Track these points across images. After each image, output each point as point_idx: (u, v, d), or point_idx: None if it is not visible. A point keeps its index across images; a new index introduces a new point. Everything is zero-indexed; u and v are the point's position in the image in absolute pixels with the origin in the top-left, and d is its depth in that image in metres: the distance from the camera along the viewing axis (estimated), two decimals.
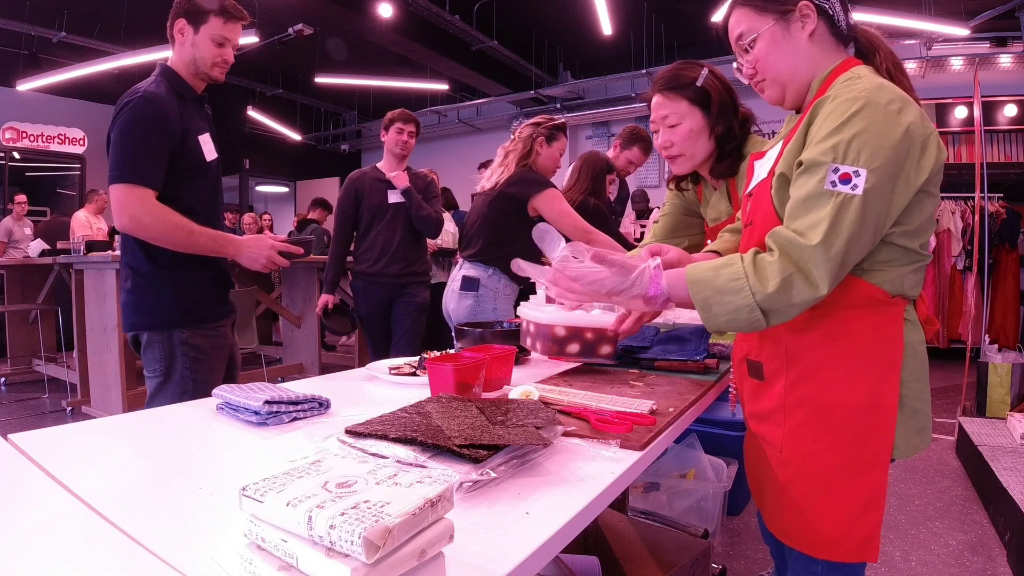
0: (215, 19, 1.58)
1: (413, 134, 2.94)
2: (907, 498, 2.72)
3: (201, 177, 1.64)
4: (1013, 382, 3.46)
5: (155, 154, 1.51)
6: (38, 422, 3.88)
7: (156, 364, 1.62)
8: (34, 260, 4.89)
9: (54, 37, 6.34)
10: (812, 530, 0.97)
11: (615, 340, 1.32)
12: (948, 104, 6.08)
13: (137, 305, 1.63)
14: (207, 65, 1.61)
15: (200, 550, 0.53)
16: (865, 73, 0.95)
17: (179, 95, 1.59)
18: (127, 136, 1.50)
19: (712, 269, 0.92)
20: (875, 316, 0.94)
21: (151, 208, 1.51)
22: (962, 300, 5.78)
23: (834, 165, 0.86)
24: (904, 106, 0.88)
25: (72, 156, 8.13)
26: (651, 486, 2.21)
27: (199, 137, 1.61)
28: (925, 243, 0.95)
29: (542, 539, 0.58)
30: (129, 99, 1.53)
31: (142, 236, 1.54)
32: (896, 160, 0.86)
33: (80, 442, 0.86)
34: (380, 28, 6.13)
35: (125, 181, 1.49)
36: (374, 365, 1.36)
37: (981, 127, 4.10)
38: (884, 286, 0.93)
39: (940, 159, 0.91)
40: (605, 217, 2.78)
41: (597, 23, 5.96)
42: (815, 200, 0.87)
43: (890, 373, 0.93)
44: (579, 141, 8.39)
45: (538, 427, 0.78)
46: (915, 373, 0.95)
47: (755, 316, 0.88)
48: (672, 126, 1.44)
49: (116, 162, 1.51)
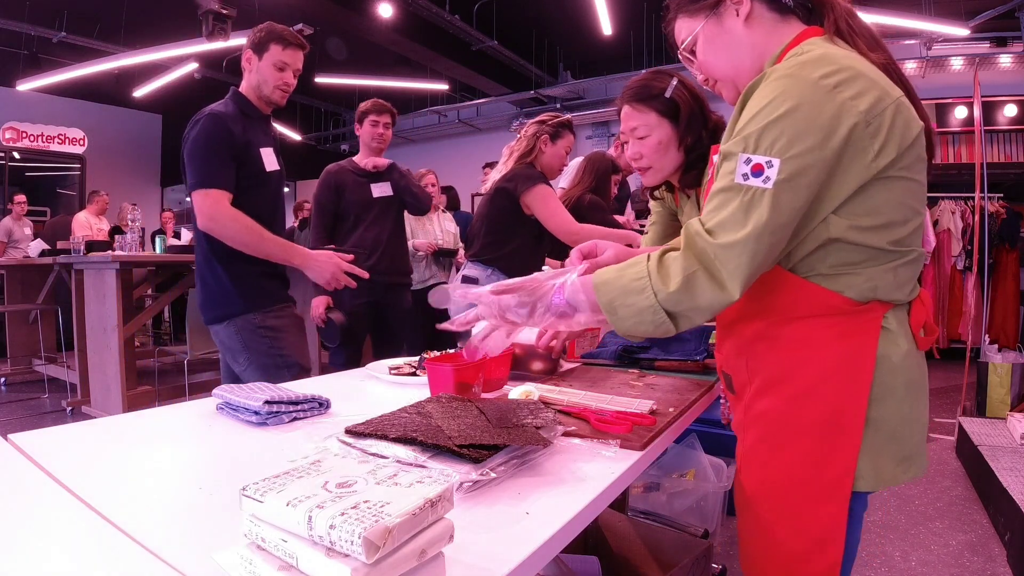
0: (275, 46, 1.79)
1: (388, 125, 2.82)
2: (907, 498, 2.72)
3: (262, 186, 1.81)
4: (1013, 382, 3.46)
5: (223, 161, 1.70)
6: (38, 422, 3.88)
7: (239, 354, 1.80)
8: (34, 260, 4.89)
9: (54, 37, 6.33)
10: (762, 564, 0.88)
11: (546, 356, 1.29)
12: (948, 104, 6.08)
13: (211, 301, 1.81)
14: (269, 88, 1.81)
15: (200, 550, 0.53)
16: (817, 44, 0.83)
17: (245, 114, 1.80)
18: (198, 149, 1.69)
19: (618, 269, 0.84)
20: (840, 325, 0.82)
21: (226, 210, 1.68)
22: (962, 300, 5.78)
23: (745, 155, 0.77)
24: (844, 79, 0.75)
25: (72, 156, 8.13)
26: (651, 486, 2.21)
27: (261, 150, 1.79)
28: (904, 238, 0.81)
29: (542, 539, 0.58)
30: (199, 117, 1.72)
31: (217, 235, 1.69)
32: (825, 145, 0.74)
33: (80, 442, 0.86)
34: (380, 28, 6.13)
35: (202, 187, 1.67)
36: (374, 365, 1.36)
37: (981, 127, 4.10)
38: (848, 292, 0.80)
39: (907, 136, 0.77)
40: (602, 209, 2.75)
41: (597, 23, 5.95)
42: (725, 194, 0.77)
43: (855, 390, 0.80)
44: (579, 141, 8.32)
45: (538, 427, 0.78)
46: (895, 392, 0.81)
47: (660, 318, 0.78)
48: (641, 138, 1.41)
49: (192, 172, 1.69)
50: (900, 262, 0.81)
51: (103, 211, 6.20)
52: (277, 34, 1.79)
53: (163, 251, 4.09)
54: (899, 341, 0.82)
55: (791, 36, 0.88)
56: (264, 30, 1.80)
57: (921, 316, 0.85)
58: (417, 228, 3.87)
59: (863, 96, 0.75)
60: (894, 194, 0.78)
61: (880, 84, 0.77)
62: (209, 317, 1.83)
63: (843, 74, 0.76)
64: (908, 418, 0.83)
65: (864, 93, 0.75)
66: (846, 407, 0.81)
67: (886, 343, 0.81)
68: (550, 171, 2.34)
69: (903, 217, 0.80)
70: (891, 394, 0.81)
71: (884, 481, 0.82)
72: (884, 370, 0.81)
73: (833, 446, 0.81)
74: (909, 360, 0.83)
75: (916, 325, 0.84)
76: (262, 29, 1.81)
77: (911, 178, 0.79)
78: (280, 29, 1.80)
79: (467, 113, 9.00)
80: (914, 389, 0.84)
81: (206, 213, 1.67)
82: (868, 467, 0.81)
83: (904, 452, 0.83)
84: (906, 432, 0.83)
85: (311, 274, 1.80)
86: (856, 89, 0.75)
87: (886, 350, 0.81)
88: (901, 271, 0.81)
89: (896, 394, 0.81)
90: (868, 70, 0.78)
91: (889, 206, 0.78)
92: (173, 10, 5.73)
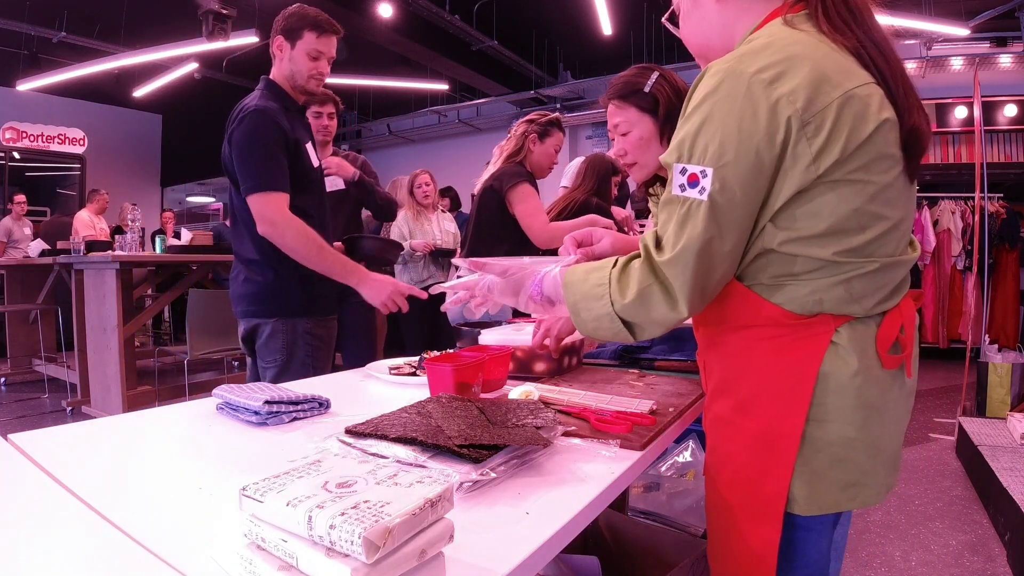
0: (309, 34, 1.66)
1: (333, 115, 2.69)
2: (907, 498, 2.72)
3: (312, 184, 1.74)
4: (1013, 382, 3.46)
5: (278, 161, 1.62)
6: (38, 422, 3.88)
7: (277, 353, 1.70)
8: (34, 260, 4.89)
9: (54, 37, 6.34)
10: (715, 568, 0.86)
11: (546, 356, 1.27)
12: (948, 104, 6.08)
13: (263, 296, 1.69)
14: (303, 78, 1.70)
15: (200, 550, 0.53)
16: (770, 28, 0.76)
17: (284, 107, 1.68)
18: (251, 148, 1.60)
19: (585, 271, 0.82)
20: (781, 338, 0.76)
21: (289, 218, 1.61)
22: (962, 300, 5.78)
23: (680, 165, 0.72)
24: (782, 72, 0.68)
25: (72, 156, 8.14)
26: (651, 486, 2.21)
27: (306, 146, 1.72)
28: (861, 247, 0.72)
29: (542, 539, 0.58)
30: (243, 114, 1.61)
31: (276, 242, 1.61)
32: (759, 149, 0.68)
33: (80, 442, 0.86)
34: (380, 28, 6.13)
35: (259, 190, 1.59)
36: (374, 365, 1.36)
37: (981, 127, 4.10)
38: (789, 305, 0.75)
39: (858, 132, 0.68)
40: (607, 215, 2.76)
41: (597, 23, 5.95)
42: (668, 207, 0.73)
43: (792, 408, 0.75)
44: (579, 141, 8.38)
45: (538, 427, 0.78)
46: (842, 413, 0.75)
47: (617, 327, 0.77)
48: (624, 134, 1.40)
49: (247, 174, 1.60)
50: (855, 274, 0.73)
51: (103, 210, 6.20)
52: (312, 20, 1.66)
53: (163, 251, 4.09)
54: (849, 359, 0.74)
55: (762, 16, 0.79)
56: (295, 15, 1.66)
57: (893, 331, 0.76)
58: (415, 229, 3.87)
59: (800, 91, 0.67)
60: (843, 200, 0.70)
61: (829, 76, 0.68)
62: (254, 311, 1.71)
63: (782, 66, 0.68)
64: (855, 441, 0.76)
65: (803, 87, 0.67)
66: (781, 425, 0.76)
67: (832, 360, 0.74)
68: (539, 170, 2.32)
69: (858, 224, 0.71)
70: (837, 415, 0.75)
71: (825, 506, 0.77)
72: (827, 389, 0.75)
73: (767, 464, 0.77)
74: (862, 379, 0.75)
75: (884, 340, 0.76)
76: (293, 14, 1.67)
77: (868, 180, 0.70)
78: (314, 14, 1.67)
79: (467, 113, 9.00)
80: (868, 411, 0.76)
81: (267, 219, 1.59)
82: (804, 490, 0.76)
83: (850, 478, 0.77)
84: (853, 456, 0.76)
85: (366, 293, 1.70)
86: (794, 83, 0.67)
87: (832, 367, 0.74)
88: (857, 283, 0.73)
89: (843, 416, 0.75)
90: (820, 58, 0.70)
91: (835, 214, 0.70)
92: (173, 10, 5.73)
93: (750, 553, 0.79)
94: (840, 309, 0.75)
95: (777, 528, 0.77)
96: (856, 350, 0.75)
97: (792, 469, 0.76)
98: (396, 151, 9.75)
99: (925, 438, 3.57)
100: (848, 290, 0.74)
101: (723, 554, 0.84)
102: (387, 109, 9.41)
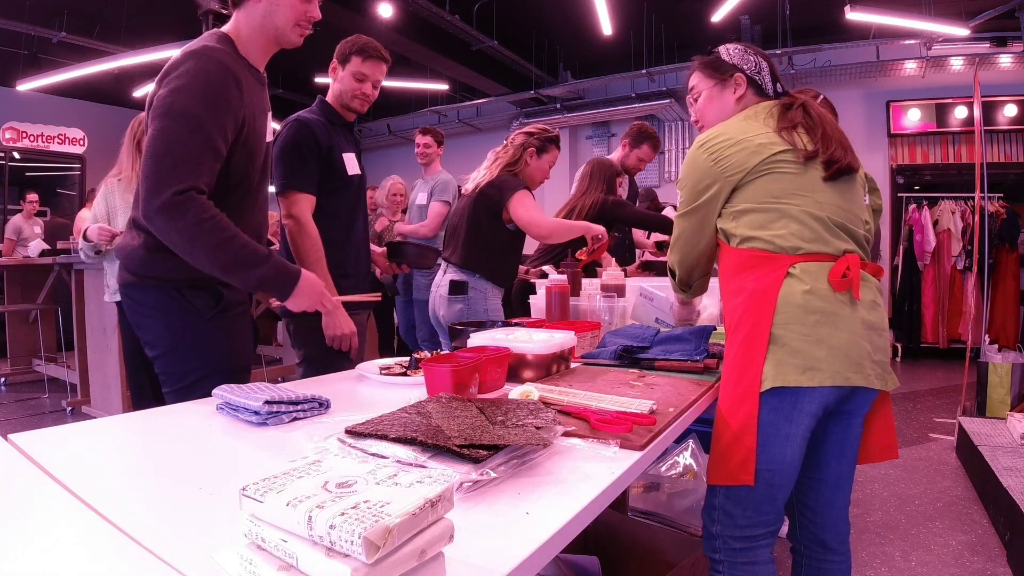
0: (356, 58, 1.88)
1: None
2: (907, 498, 2.72)
3: (344, 189, 1.88)
4: (1013, 382, 3.46)
5: (306, 165, 1.79)
6: (38, 422, 3.88)
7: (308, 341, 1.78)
8: (34, 260, 4.89)
9: (54, 37, 6.33)
10: (711, 460, 1.17)
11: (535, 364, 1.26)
12: (948, 104, 6.08)
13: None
14: (348, 97, 1.90)
15: (200, 550, 0.53)
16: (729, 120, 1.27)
17: (330, 121, 1.89)
18: (285, 152, 1.78)
19: None
20: (758, 271, 1.16)
21: (304, 215, 1.75)
22: (962, 300, 5.78)
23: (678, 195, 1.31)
24: (715, 147, 1.20)
25: (72, 156, 8.12)
26: (651, 486, 2.21)
27: (343, 154, 1.88)
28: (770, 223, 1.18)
29: (542, 539, 0.58)
30: (287, 123, 1.83)
31: (297, 238, 1.75)
32: (700, 195, 1.25)
33: (80, 442, 0.86)
34: (380, 28, 6.13)
35: (288, 189, 1.77)
36: (364, 366, 1.36)
37: (981, 127, 4.10)
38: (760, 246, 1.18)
39: (745, 167, 1.18)
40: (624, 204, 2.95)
41: (597, 23, 5.95)
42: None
43: (763, 317, 1.12)
44: (579, 141, 8.38)
45: (538, 427, 0.78)
46: (798, 317, 1.10)
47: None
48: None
49: (279, 175, 1.78)
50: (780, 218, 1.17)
51: None
52: (360, 47, 1.89)
53: None
54: (802, 282, 1.12)
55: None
56: (349, 42, 1.90)
57: (841, 267, 1.12)
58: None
59: (722, 159, 1.19)
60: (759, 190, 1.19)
61: (742, 144, 1.18)
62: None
63: (715, 141, 1.21)
64: (810, 338, 1.10)
65: (723, 156, 1.19)
66: (757, 329, 1.13)
67: (789, 283, 1.13)
68: (532, 182, 2.42)
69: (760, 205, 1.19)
70: (793, 319, 1.11)
71: (787, 381, 1.10)
72: (785, 302, 1.12)
73: (748, 358, 1.13)
74: (811, 296, 1.11)
75: (835, 273, 1.12)
76: (348, 41, 1.90)
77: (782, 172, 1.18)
78: (364, 42, 1.89)
79: (467, 113, 8.99)
80: (820, 316, 1.10)
81: (293, 217, 1.76)
82: (771, 371, 1.11)
83: (807, 364, 1.10)
84: (807, 349, 1.10)
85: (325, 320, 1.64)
86: (716, 154, 1.20)
87: (789, 288, 1.12)
88: (792, 223, 1.16)
89: (798, 319, 1.11)
90: (738, 135, 1.20)
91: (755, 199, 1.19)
92: (173, 10, 5.73)
93: (734, 429, 1.13)
94: (791, 247, 1.15)
95: (755, 403, 1.11)
96: (806, 277, 1.12)
97: (764, 357, 1.12)
98: (396, 151, 9.74)
99: (925, 438, 3.57)
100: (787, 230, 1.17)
101: (715, 442, 1.17)
102: (387, 109, 9.40)
